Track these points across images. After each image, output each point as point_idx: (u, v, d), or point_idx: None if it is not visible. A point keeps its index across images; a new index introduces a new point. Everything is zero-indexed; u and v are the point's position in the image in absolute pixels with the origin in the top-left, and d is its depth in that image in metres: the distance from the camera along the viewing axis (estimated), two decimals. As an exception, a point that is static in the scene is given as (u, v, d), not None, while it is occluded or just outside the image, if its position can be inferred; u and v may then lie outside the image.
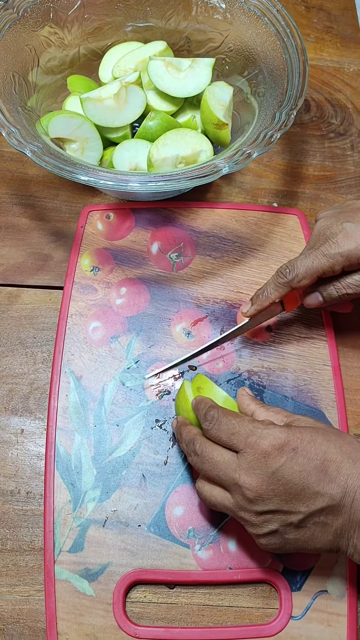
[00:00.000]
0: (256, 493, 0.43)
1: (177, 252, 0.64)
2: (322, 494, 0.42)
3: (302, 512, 0.43)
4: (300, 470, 0.43)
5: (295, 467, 0.43)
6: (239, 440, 0.44)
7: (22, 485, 0.54)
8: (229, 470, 0.44)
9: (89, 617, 0.48)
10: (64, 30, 0.66)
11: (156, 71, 0.64)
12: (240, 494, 0.44)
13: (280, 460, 0.43)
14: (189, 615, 0.49)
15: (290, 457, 0.43)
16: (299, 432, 0.44)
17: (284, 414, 0.49)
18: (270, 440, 0.43)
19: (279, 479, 0.43)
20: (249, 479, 0.43)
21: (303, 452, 0.43)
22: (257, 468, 0.43)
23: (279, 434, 0.44)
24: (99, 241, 0.64)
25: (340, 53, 0.81)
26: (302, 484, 0.42)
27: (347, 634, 0.48)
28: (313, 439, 0.44)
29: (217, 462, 0.45)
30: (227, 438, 0.45)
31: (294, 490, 0.43)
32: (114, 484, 0.53)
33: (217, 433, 0.46)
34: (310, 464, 0.43)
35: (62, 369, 0.57)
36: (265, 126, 0.57)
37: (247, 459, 0.43)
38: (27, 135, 0.55)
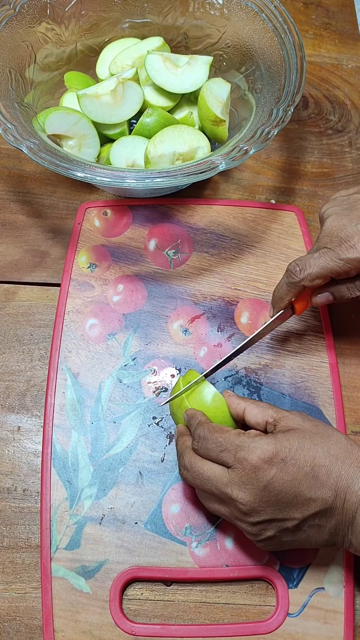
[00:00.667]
0: (250, 507, 0.43)
1: (174, 249, 0.64)
2: (315, 499, 0.43)
3: (297, 518, 0.43)
4: (291, 480, 0.43)
5: (286, 477, 0.43)
6: (228, 456, 0.44)
7: (18, 483, 0.54)
8: (221, 485, 0.44)
9: (86, 614, 0.48)
10: (61, 26, 0.66)
11: (153, 65, 0.64)
12: (235, 507, 0.44)
13: (270, 472, 0.43)
14: (186, 613, 0.49)
15: (280, 467, 0.43)
16: (286, 441, 0.44)
17: (273, 409, 0.48)
18: (258, 453, 0.43)
19: (270, 490, 0.43)
20: (242, 494, 0.43)
21: (292, 461, 0.43)
22: (248, 483, 0.43)
23: (267, 446, 0.43)
24: (96, 238, 0.64)
25: (338, 49, 0.81)
26: (294, 492, 0.43)
27: (343, 631, 0.48)
28: (301, 445, 0.44)
29: (209, 477, 0.45)
30: (216, 455, 0.45)
31: (287, 499, 0.43)
32: (110, 481, 0.53)
33: (206, 452, 0.46)
34: (301, 472, 0.43)
35: (59, 366, 0.57)
36: (262, 122, 0.57)
37: (238, 474, 0.43)
38: (23, 132, 0.55)
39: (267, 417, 0.47)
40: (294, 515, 0.43)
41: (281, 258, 0.63)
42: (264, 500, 0.43)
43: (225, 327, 0.60)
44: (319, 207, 0.68)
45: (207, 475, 0.45)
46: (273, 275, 0.62)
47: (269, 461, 0.43)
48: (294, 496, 0.43)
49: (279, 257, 0.64)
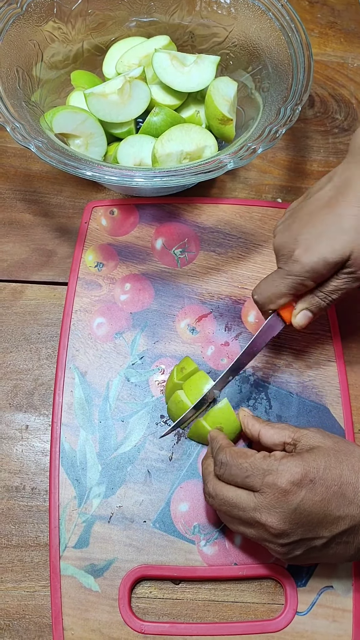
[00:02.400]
0: (280, 530, 0.43)
1: (181, 248, 0.64)
2: (343, 517, 0.43)
3: (326, 536, 0.43)
4: (320, 500, 0.43)
5: (315, 498, 0.43)
6: (255, 481, 0.44)
7: (27, 481, 0.54)
8: (249, 510, 0.44)
9: (95, 612, 0.48)
10: (67, 25, 0.66)
11: (161, 63, 0.64)
12: (264, 530, 0.44)
13: (300, 494, 0.43)
14: (195, 611, 0.49)
15: (309, 488, 0.43)
16: (313, 461, 0.44)
17: (290, 429, 0.48)
18: (287, 477, 0.43)
19: (301, 512, 0.43)
20: (271, 518, 0.43)
21: (320, 481, 0.43)
22: (278, 506, 0.43)
23: (295, 468, 0.43)
24: (103, 237, 0.64)
25: (344, 48, 0.81)
26: (324, 512, 0.43)
27: (352, 629, 0.48)
28: (327, 464, 0.44)
29: (235, 503, 0.45)
30: (242, 481, 0.45)
31: (317, 519, 0.43)
32: (119, 480, 0.53)
33: (231, 477, 0.45)
34: (329, 491, 0.43)
35: (66, 365, 0.57)
36: (269, 121, 0.57)
37: (266, 498, 0.43)
38: (31, 131, 0.55)
39: (285, 438, 0.47)
40: (322, 534, 0.43)
41: (288, 257, 0.63)
42: (294, 523, 0.43)
43: (233, 325, 0.60)
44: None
45: (234, 501, 0.45)
46: (280, 274, 0.62)
47: (298, 484, 0.43)
48: (323, 516, 0.43)
49: (285, 256, 0.63)
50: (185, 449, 0.54)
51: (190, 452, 0.54)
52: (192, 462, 0.54)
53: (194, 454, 0.54)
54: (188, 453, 0.54)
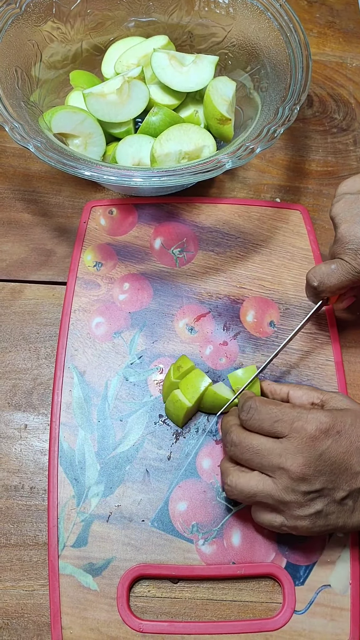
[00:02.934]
0: (303, 473, 0.44)
1: (180, 248, 0.64)
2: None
3: (346, 489, 0.45)
4: (344, 452, 0.45)
5: (340, 449, 0.45)
6: (284, 426, 0.46)
7: (25, 481, 0.54)
8: (273, 456, 0.45)
9: (93, 611, 0.49)
10: (66, 25, 0.66)
11: (159, 63, 0.64)
12: (287, 477, 0.45)
13: (326, 442, 0.45)
14: (193, 610, 0.50)
15: (335, 439, 0.45)
16: (341, 416, 0.46)
17: (317, 391, 0.50)
18: (316, 424, 0.45)
19: (325, 460, 0.45)
20: (297, 461, 0.45)
21: (346, 435, 0.45)
22: (304, 451, 0.45)
23: (325, 418, 0.45)
24: (101, 237, 0.64)
25: (342, 48, 0.81)
26: (346, 465, 0.45)
27: (350, 628, 0.49)
28: (353, 422, 0.46)
29: (259, 449, 0.46)
30: (270, 426, 0.46)
31: (338, 470, 0.45)
32: (117, 479, 0.53)
33: (259, 423, 0.47)
34: (353, 446, 0.45)
35: (65, 365, 0.57)
36: (268, 121, 0.57)
37: (293, 443, 0.45)
38: (30, 131, 0.55)
39: (313, 399, 0.50)
40: (342, 486, 0.45)
41: (286, 257, 0.64)
42: (317, 469, 0.45)
43: (231, 325, 0.60)
44: (324, 205, 0.68)
45: (258, 448, 0.46)
46: (278, 274, 0.63)
47: (325, 432, 0.45)
48: (344, 468, 0.45)
49: (284, 255, 0.64)
50: (184, 448, 0.54)
51: (188, 452, 0.54)
52: (190, 462, 0.54)
53: (192, 454, 0.54)
54: (186, 452, 0.54)
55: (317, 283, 0.53)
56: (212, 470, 0.54)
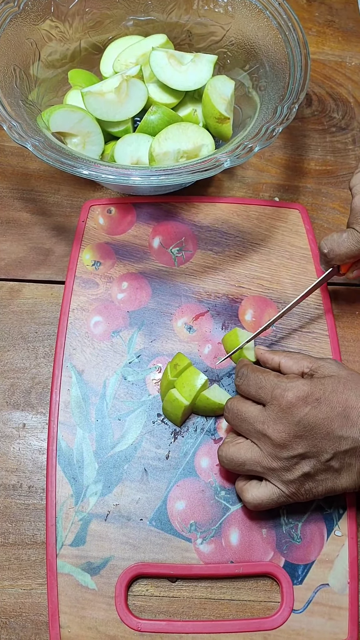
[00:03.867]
0: (284, 440, 0.46)
1: (178, 247, 0.64)
2: (346, 437, 0.46)
3: (329, 452, 0.46)
4: (324, 417, 0.46)
5: (319, 415, 0.46)
6: (266, 393, 0.48)
7: (24, 480, 0.54)
8: (257, 422, 0.48)
9: (91, 610, 0.49)
10: (65, 23, 0.66)
11: (158, 62, 0.64)
12: (270, 443, 0.47)
13: (304, 409, 0.46)
14: (191, 609, 0.50)
15: (314, 406, 0.46)
16: (320, 384, 0.47)
17: (308, 360, 0.51)
18: (294, 392, 0.47)
19: (304, 426, 0.46)
20: (277, 428, 0.46)
21: (326, 402, 0.46)
22: (283, 418, 0.46)
23: (302, 386, 0.47)
24: (100, 236, 0.64)
25: (341, 47, 0.81)
26: (327, 429, 0.46)
27: (348, 627, 0.49)
28: (335, 388, 0.47)
29: (246, 416, 0.49)
30: (255, 392, 0.49)
31: (320, 434, 0.46)
32: (115, 478, 0.53)
33: (247, 388, 0.50)
34: (333, 411, 0.46)
35: (63, 364, 0.57)
36: (266, 120, 0.57)
37: (273, 410, 0.47)
38: (28, 130, 0.55)
39: (303, 368, 0.51)
40: (326, 449, 0.46)
41: (285, 256, 0.64)
42: (297, 435, 0.46)
43: (230, 324, 0.60)
44: (323, 204, 0.68)
45: (245, 415, 0.49)
46: (277, 273, 0.63)
47: (303, 399, 0.46)
48: (326, 432, 0.46)
49: (282, 254, 0.64)
50: (182, 447, 0.54)
51: (187, 451, 0.54)
52: (188, 461, 0.54)
53: (191, 453, 0.54)
54: (185, 451, 0.54)
55: (327, 250, 0.55)
56: (211, 469, 0.54)
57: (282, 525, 0.52)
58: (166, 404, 0.54)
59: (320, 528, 0.52)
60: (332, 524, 0.52)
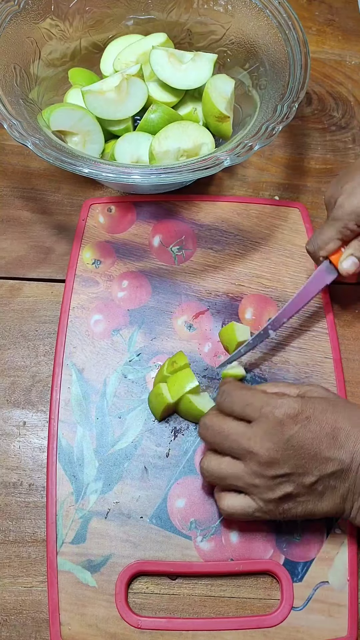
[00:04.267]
0: (271, 458, 0.45)
1: (178, 245, 0.64)
2: (332, 459, 0.45)
3: (315, 474, 0.45)
4: (312, 437, 0.45)
5: (308, 434, 0.45)
6: (253, 410, 0.47)
7: (24, 478, 0.54)
8: (243, 439, 0.46)
9: (92, 607, 0.49)
10: (65, 22, 0.66)
11: (158, 60, 0.64)
12: (255, 461, 0.46)
13: (294, 427, 0.45)
14: (191, 606, 0.50)
15: (304, 424, 0.45)
16: (311, 403, 0.46)
17: (294, 386, 0.51)
18: (284, 409, 0.46)
19: (293, 444, 0.45)
20: (265, 445, 0.45)
21: (315, 421, 0.45)
22: (272, 435, 0.45)
23: (293, 404, 0.46)
24: (100, 234, 0.64)
25: (341, 46, 0.81)
26: (314, 450, 0.45)
27: (348, 624, 0.49)
28: (324, 408, 0.46)
29: (229, 433, 0.47)
30: (241, 409, 0.47)
31: (307, 455, 0.45)
32: (116, 476, 0.53)
33: (230, 405, 0.48)
34: (322, 432, 0.45)
35: (64, 362, 0.57)
36: (266, 119, 0.57)
37: (262, 427, 0.46)
38: (28, 128, 0.55)
39: (290, 393, 0.50)
40: (312, 472, 0.45)
41: (285, 254, 0.64)
42: (285, 453, 0.45)
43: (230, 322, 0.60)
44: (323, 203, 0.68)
45: (228, 431, 0.47)
46: (277, 272, 0.63)
47: (294, 417, 0.45)
48: (313, 453, 0.45)
49: (283, 253, 0.64)
50: (182, 445, 0.55)
51: (187, 449, 0.54)
52: (188, 459, 0.54)
53: (191, 451, 0.54)
54: (185, 449, 0.54)
55: (309, 246, 0.58)
56: (211, 467, 0.54)
57: (282, 523, 0.52)
58: (152, 395, 0.55)
59: (320, 526, 0.52)
60: (331, 522, 0.52)
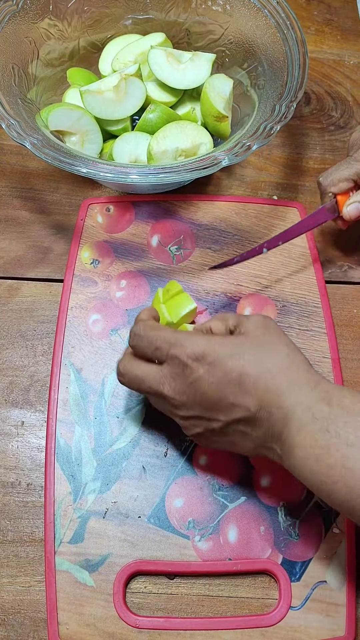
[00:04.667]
0: (179, 401, 0.45)
1: (177, 245, 0.64)
2: (238, 405, 0.43)
3: (222, 420, 0.44)
4: (216, 382, 0.43)
5: (212, 379, 0.43)
6: (162, 353, 0.45)
7: (22, 477, 0.54)
8: (155, 383, 0.46)
9: (90, 607, 0.49)
10: (63, 22, 0.66)
11: (156, 60, 0.64)
12: (168, 403, 0.46)
13: (197, 372, 0.44)
14: (189, 606, 0.50)
15: (207, 369, 0.44)
16: (218, 345, 0.44)
17: (233, 317, 0.48)
18: (188, 351, 0.44)
19: (197, 389, 0.44)
20: (172, 388, 0.45)
21: (220, 366, 0.43)
22: (177, 378, 0.45)
23: (197, 345, 0.44)
24: (99, 234, 0.64)
25: (340, 45, 0.81)
26: (219, 396, 0.44)
27: (346, 624, 0.49)
28: (232, 352, 0.44)
29: (142, 378, 0.47)
30: (152, 353, 0.46)
31: (212, 400, 0.44)
32: (114, 475, 0.53)
33: (142, 349, 0.47)
34: (226, 377, 0.43)
35: (62, 362, 0.57)
36: (265, 118, 0.57)
37: (169, 370, 0.45)
38: (27, 128, 0.55)
39: (229, 325, 0.48)
40: (218, 417, 0.44)
41: (283, 254, 0.64)
42: (191, 397, 0.44)
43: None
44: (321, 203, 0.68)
45: (141, 376, 0.47)
46: (275, 271, 0.63)
47: (196, 360, 0.44)
48: (218, 399, 0.44)
49: (281, 253, 0.64)
50: (181, 445, 0.54)
51: (185, 448, 0.54)
52: (186, 458, 0.54)
53: (189, 450, 0.54)
54: (183, 449, 0.54)
55: (322, 178, 0.59)
56: (209, 466, 0.54)
57: (280, 523, 0.52)
58: None
59: (318, 525, 0.52)
60: (329, 521, 0.52)
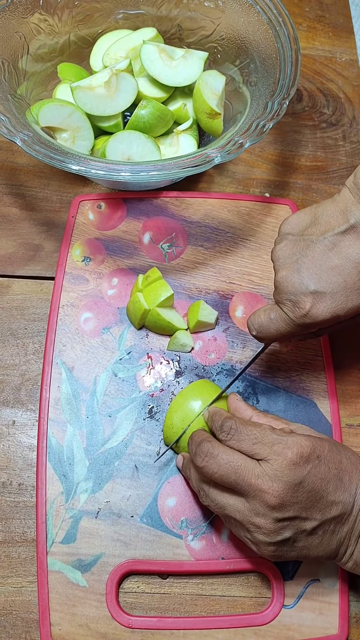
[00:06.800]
0: (280, 500, 0.42)
1: (168, 243, 0.63)
2: (337, 502, 0.44)
3: (317, 519, 0.43)
4: (322, 479, 0.43)
5: (318, 475, 0.43)
6: (263, 449, 0.44)
7: (14, 477, 0.53)
8: (251, 476, 0.43)
9: (82, 607, 0.48)
10: (54, 17, 0.65)
11: (149, 56, 0.63)
12: (261, 501, 0.43)
13: (306, 468, 0.43)
14: (182, 605, 0.50)
15: (315, 465, 0.43)
16: (320, 441, 0.45)
17: (282, 420, 0.49)
18: (297, 449, 0.43)
19: (304, 487, 0.43)
20: (275, 486, 0.42)
21: (325, 460, 0.44)
22: (283, 476, 0.43)
23: (305, 442, 0.44)
24: (90, 231, 0.63)
25: (332, 42, 0.81)
26: (321, 493, 0.43)
27: (338, 622, 0.49)
28: (331, 448, 0.45)
29: (238, 466, 0.43)
30: (249, 447, 0.44)
31: (315, 497, 0.43)
32: (106, 475, 0.53)
33: (238, 443, 0.45)
34: (330, 472, 0.44)
35: (53, 360, 0.57)
36: (257, 116, 0.57)
37: (272, 467, 0.43)
38: (17, 124, 0.55)
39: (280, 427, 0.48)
40: (315, 516, 0.43)
41: (276, 251, 0.63)
42: (295, 495, 0.43)
43: (220, 320, 0.60)
44: (314, 200, 0.68)
45: (237, 464, 0.43)
46: (267, 269, 0.62)
47: (306, 458, 0.43)
48: (320, 496, 0.43)
49: (273, 250, 0.64)
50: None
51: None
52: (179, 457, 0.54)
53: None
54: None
55: (255, 332, 0.50)
56: (201, 465, 0.53)
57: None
58: (130, 304, 0.58)
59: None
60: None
